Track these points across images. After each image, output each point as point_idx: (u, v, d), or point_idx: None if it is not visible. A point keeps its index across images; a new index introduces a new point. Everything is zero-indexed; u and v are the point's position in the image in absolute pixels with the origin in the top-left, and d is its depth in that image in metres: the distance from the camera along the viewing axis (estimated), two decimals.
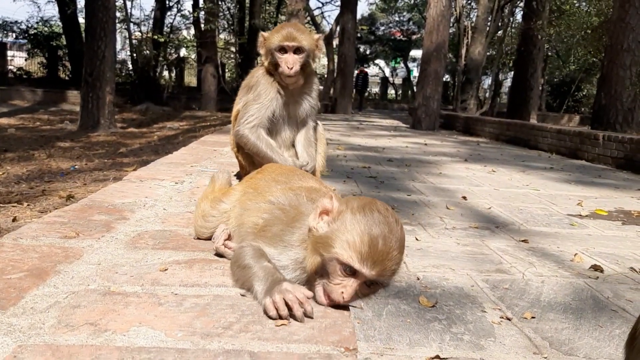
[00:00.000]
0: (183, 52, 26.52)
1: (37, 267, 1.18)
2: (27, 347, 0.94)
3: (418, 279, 3.07)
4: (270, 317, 1.10)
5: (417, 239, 3.88)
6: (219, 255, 1.38)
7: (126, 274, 1.19)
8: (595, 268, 3.34)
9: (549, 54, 26.61)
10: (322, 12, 33.57)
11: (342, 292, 1.30)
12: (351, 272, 1.31)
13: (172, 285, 1.13)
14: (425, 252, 3.58)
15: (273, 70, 2.64)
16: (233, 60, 26.23)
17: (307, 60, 2.65)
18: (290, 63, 2.57)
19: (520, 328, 2.51)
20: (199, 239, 1.53)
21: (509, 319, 2.60)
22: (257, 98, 2.67)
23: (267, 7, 29.38)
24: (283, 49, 2.58)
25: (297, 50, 2.60)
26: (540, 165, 8.23)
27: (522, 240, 3.96)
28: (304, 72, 2.69)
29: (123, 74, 22.89)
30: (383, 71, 42.73)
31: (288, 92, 2.70)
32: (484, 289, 2.97)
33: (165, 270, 1.21)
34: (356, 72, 24.15)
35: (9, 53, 27.40)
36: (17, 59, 28.81)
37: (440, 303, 2.75)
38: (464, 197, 5.38)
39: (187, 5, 25.87)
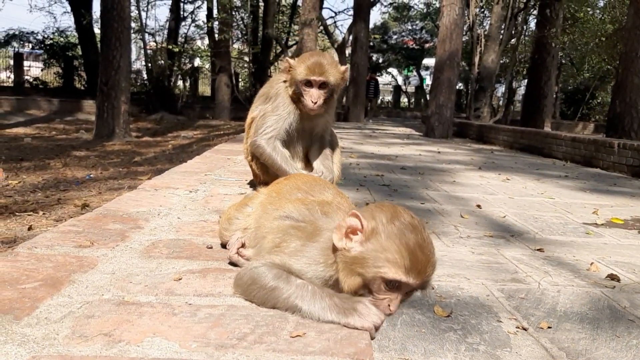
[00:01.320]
0: (197, 61, 26.70)
1: (52, 277, 1.18)
2: (41, 358, 0.94)
3: (433, 288, 3.05)
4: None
5: None
6: (233, 264, 1.38)
7: (140, 284, 1.18)
8: (612, 277, 3.31)
9: (563, 61, 26.51)
10: (334, 22, 33.73)
11: (389, 305, 1.32)
12: (397, 285, 1.31)
13: (186, 295, 1.12)
14: (440, 261, 3.52)
15: (296, 98, 2.60)
16: (246, 70, 26.34)
17: (331, 95, 2.62)
18: (314, 97, 2.52)
19: (536, 338, 2.48)
20: (223, 246, 1.52)
21: (525, 329, 2.57)
22: (276, 110, 2.64)
23: (280, 17, 29.52)
24: (309, 83, 2.54)
25: (323, 85, 2.56)
26: (555, 173, 8.17)
27: (538, 249, 3.93)
28: (327, 104, 2.65)
29: (138, 83, 23.08)
30: (396, 80, 42.71)
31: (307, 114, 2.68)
32: (500, 298, 2.94)
33: (180, 279, 1.20)
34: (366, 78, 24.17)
35: (26, 63, 27.72)
36: (34, 69, 29.13)
37: (455, 313, 2.73)
38: (479, 206, 5.35)
39: (202, 16, 26.14)
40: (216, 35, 20.52)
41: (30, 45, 27.53)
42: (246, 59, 24.94)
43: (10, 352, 0.95)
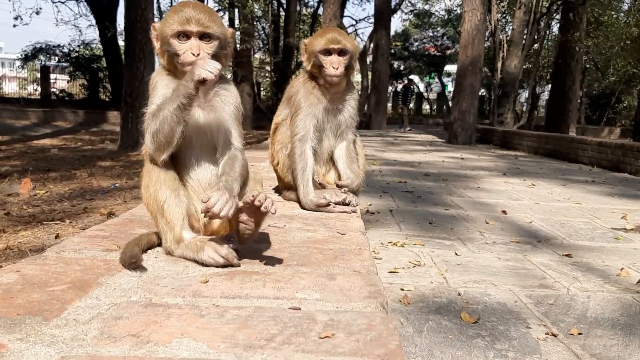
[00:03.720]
0: None
1: (80, 280, 1.19)
2: (70, 358, 0.94)
3: (459, 294, 3.01)
4: None
5: (456, 254, 3.83)
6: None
7: (167, 286, 1.18)
8: None
9: (587, 65, 26.20)
10: (355, 30, 33.68)
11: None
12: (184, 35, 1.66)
13: (213, 297, 1.12)
14: (466, 267, 3.52)
15: (317, 72, 2.64)
16: (268, 79, 26.48)
17: (350, 63, 2.65)
18: (335, 64, 2.58)
19: (567, 344, 2.43)
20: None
21: (554, 335, 2.53)
22: (299, 107, 2.67)
23: (301, 26, 29.64)
24: (328, 52, 2.60)
25: (341, 52, 2.61)
26: (581, 178, 8.05)
27: (566, 255, 3.87)
28: (346, 76, 2.69)
29: None
30: (417, 86, 42.59)
31: (328, 97, 2.68)
32: (528, 304, 2.89)
33: (206, 282, 1.20)
34: (400, 85, 24.03)
35: (52, 76, 28.18)
36: (60, 82, 29.60)
37: (482, 319, 2.69)
38: (504, 211, 5.30)
39: None
40: (238, 45, 20.67)
41: (57, 58, 27.95)
42: (268, 68, 25.07)
43: (40, 352, 0.96)
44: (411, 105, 22.50)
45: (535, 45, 20.20)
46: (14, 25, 28.33)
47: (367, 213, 4.99)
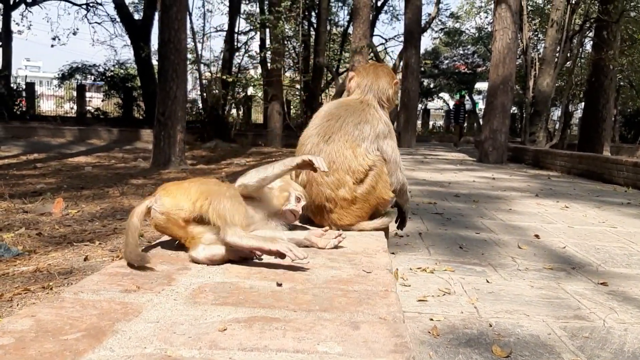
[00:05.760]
0: (250, 90, 27.13)
1: (95, 326, 1.15)
2: None
3: (490, 325, 2.92)
4: None
5: (488, 281, 3.73)
6: None
7: (184, 334, 1.14)
8: None
9: (622, 83, 25.76)
10: (385, 48, 33.72)
11: None
12: None
13: (230, 349, 1.07)
14: (497, 296, 3.42)
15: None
16: (298, 98, 26.63)
17: None
18: None
19: None
20: None
21: None
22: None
23: (331, 45, 29.80)
24: None
25: None
26: (617, 200, 7.84)
27: (601, 283, 3.75)
28: None
29: (193, 112, 23.60)
30: (447, 104, 42.35)
31: None
32: (562, 337, 2.79)
33: (225, 330, 1.15)
34: (454, 102, 23.73)
35: (88, 94, 28.83)
36: (95, 100, 30.26)
37: (515, 353, 2.60)
38: (537, 236, 5.18)
39: (255, 46, 26.54)
40: (269, 65, 20.84)
41: (92, 77, 28.60)
42: (297, 86, 25.22)
43: None
44: (465, 123, 22.10)
45: (568, 63, 19.91)
46: (52, 46, 29.20)
47: (396, 236, 4.92)
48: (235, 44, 23.40)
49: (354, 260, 1.78)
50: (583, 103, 21.29)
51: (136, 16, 26.36)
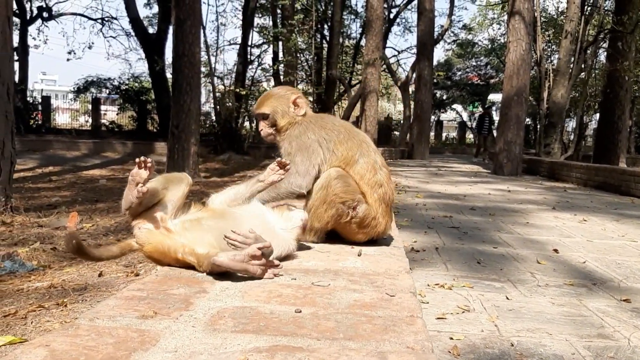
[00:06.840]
0: None
1: (111, 357, 1.11)
2: None
3: (512, 345, 2.86)
4: None
5: (508, 298, 3.66)
6: None
7: None
8: None
9: (637, 94, 25.53)
10: (397, 60, 33.71)
11: None
12: None
13: None
14: (518, 314, 3.35)
15: None
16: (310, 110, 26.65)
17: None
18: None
19: None
20: None
21: None
22: None
23: (343, 57, 29.84)
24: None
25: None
26: (636, 213, 7.72)
27: (624, 300, 3.66)
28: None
29: (207, 125, 23.66)
30: (460, 116, 42.21)
31: None
32: (587, 357, 2.72)
33: None
34: (479, 113, 23.27)
35: (102, 108, 29.04)
36: (110, 113, 30.48)
37: None
38: (555, 250, 5.09)
39: (268, 59, 26.63)
40: (281, 77, 20.90)
41: (107, 91, 28.82)
42: (310, 99, 25.25)
43: None
44: (489, 134, 21.53)
45: (582, 74, 19.78)
46: (68, 59, 29.50)
47: (412, 251, 4.86)
48: (249, 57, 23.50)
49: (375, 282, 1.74)
50: (598, 114, 21.11)
51: (150, 30, 26.53)
